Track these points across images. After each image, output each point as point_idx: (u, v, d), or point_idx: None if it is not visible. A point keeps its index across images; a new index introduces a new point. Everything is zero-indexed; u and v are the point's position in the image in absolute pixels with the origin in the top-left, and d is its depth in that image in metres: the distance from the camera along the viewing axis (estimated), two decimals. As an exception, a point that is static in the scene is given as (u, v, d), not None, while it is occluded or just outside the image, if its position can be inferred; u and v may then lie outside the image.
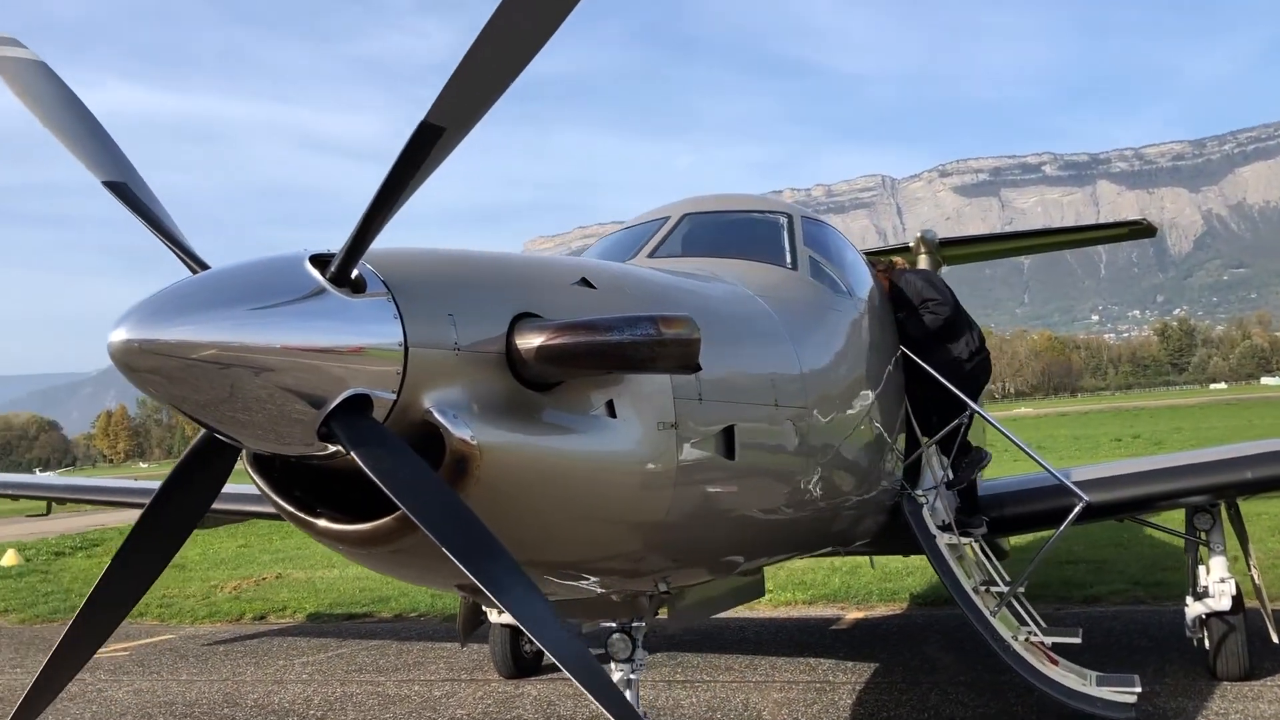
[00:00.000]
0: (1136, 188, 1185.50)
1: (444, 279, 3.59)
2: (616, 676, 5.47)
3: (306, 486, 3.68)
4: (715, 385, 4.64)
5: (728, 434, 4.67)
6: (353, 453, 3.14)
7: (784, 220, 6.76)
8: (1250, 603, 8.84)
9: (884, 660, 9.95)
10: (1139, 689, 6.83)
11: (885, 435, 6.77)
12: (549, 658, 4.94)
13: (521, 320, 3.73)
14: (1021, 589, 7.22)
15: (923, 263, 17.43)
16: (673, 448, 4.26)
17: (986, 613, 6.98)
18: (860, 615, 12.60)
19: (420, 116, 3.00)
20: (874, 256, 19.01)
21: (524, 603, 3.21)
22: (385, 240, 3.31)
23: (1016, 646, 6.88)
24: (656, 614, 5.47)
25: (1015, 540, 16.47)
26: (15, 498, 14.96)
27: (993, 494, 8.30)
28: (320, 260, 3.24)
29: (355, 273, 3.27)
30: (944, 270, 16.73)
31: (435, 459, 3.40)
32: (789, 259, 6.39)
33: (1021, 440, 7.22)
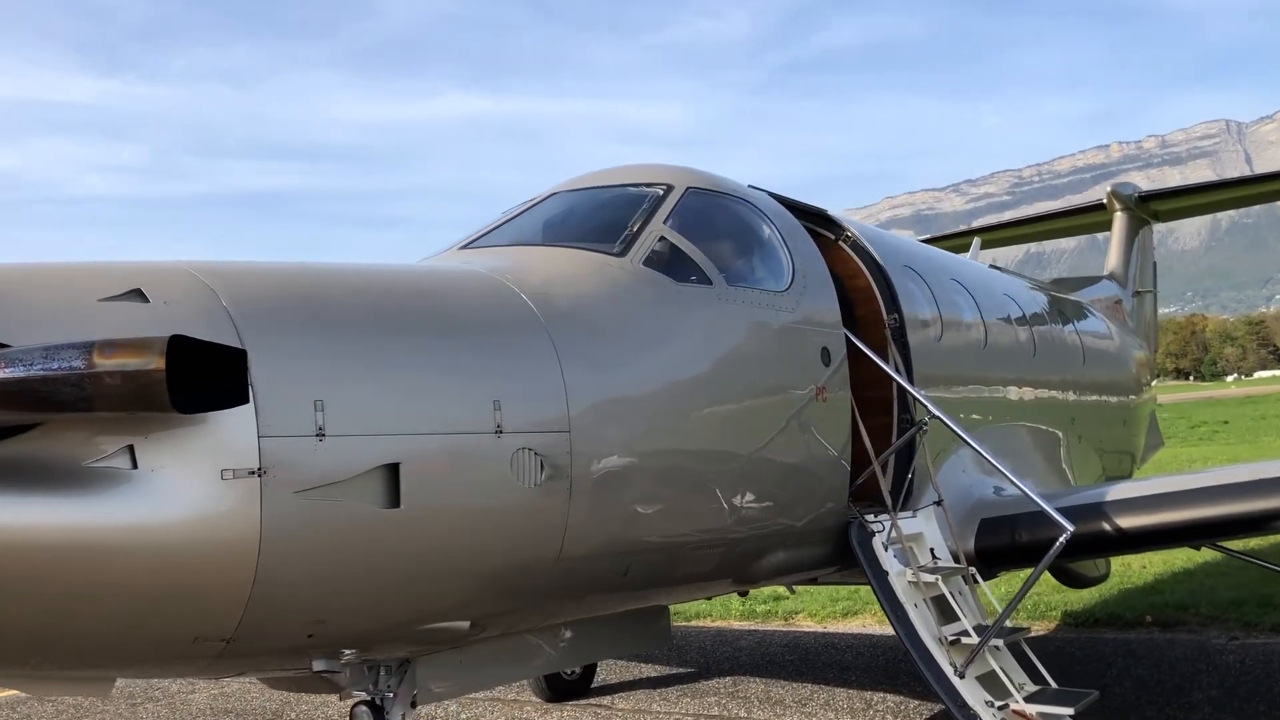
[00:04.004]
0: None
1: None
2: (363, 752, 4.71)
3: None
4: (361, 415, 3.75)
5: (389, 475, 3.77)
6: None
7: (655, 194, 5.59)
8: None
9: (958, 700, 8.41)
10: None
11: (780, 451, 5.47)
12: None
13: None
14: (998, 642, 5.65)
15: (1118, 222, 15.04)
16: (254, 501, 3.43)
17: (950, 672, 5.56)
18: (993, 635, 10.89)
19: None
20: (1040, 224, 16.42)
21: None
22: None
23: (986, 716, 5.42)
24: (411, 686, 4.70)
25: (1154, 561, 13.51)
26: None
27: (993, 518, 6.63)
28: None
29: None
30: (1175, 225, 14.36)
31: None
32: (621, 244, 5.23)
33: (995, 458, 5.68)
